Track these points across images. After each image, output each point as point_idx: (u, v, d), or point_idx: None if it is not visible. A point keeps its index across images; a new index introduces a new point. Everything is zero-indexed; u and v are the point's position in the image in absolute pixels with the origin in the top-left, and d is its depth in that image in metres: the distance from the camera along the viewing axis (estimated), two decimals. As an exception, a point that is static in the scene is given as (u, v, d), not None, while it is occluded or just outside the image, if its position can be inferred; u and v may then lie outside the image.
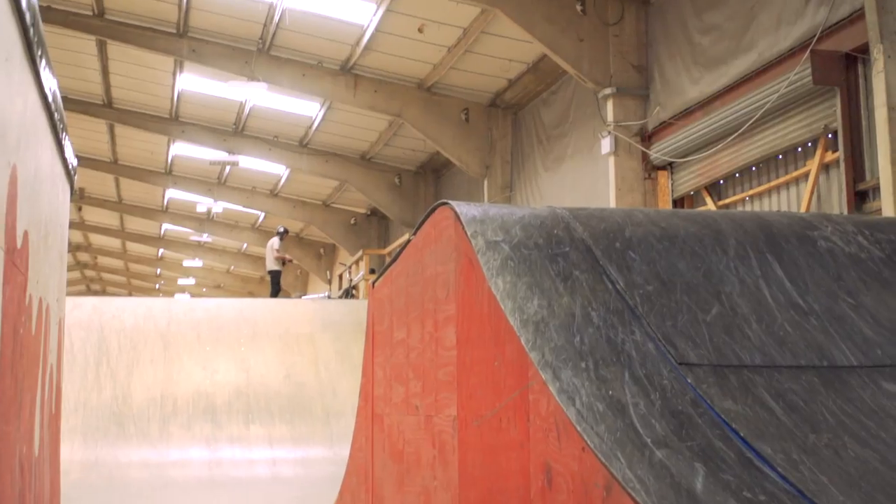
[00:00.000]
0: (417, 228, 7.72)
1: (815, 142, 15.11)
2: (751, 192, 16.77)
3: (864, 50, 13.62)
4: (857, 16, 13.75)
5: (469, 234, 6.65)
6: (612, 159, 19.34)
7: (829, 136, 14.74)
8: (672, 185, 18.99)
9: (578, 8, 19.33)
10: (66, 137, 7.98)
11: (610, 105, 19.45)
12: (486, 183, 26.38)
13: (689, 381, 5.73)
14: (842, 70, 14.34)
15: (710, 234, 7.33)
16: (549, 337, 5.91)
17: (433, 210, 7.37)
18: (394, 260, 8.70)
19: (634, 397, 5.47)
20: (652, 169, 19.24)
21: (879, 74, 12.72)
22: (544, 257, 6.63)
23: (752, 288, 6.91)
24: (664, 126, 18.74)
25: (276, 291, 31.51)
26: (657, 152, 18.84)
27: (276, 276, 31.90)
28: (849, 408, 5.87)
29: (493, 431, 6.37)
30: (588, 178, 21.56)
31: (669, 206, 18.91)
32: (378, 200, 33.86)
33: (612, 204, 19.14)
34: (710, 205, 17.74)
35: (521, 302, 6.21)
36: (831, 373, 6.25)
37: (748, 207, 16.82)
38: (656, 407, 5.45)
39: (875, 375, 6.39)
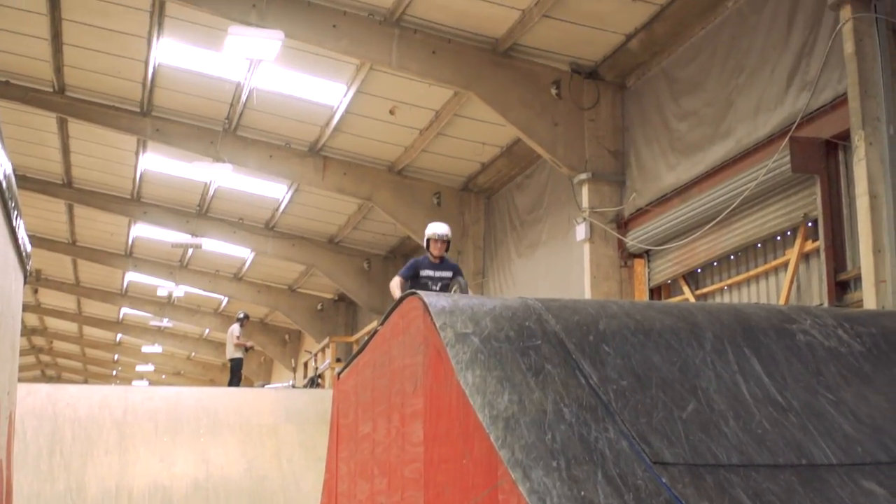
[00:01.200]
0: (385, 318, 7.72)
1: (794, 230, 15.23)
2: (729, 281, 16.85)
3: (845, 137, 13.77)
4: (839, 102, 13.93)
5: (438, 325, 6.66)
6: (587, 246, 19.41)
7: (809, 224, 14.86)
8: (649, 273, 19.07)
9: (553, 92, 19.51)
10: (20, 222, 7.96)
11: (585, 190, 19.57)
12: (458, 269, 26.37)
13: (663, 481, 5.72)
14: (822, 157, 14.49)
15: (686, 328, 7.37)
16: (519, 434, 5.91)
17: (401, 300, 7.39)
18: (360, 350, 8.69)
19: (608, 498, 5.47)
20: (628, 257, 19.32)
21: (861, 162, 12.84)
22: (515, 350, 6.64)
23: (730, 383, 6.94)
24: (641, 213, 18.86)
25: (236, 380, 31.26)
26: (633, 240, 18.94)
27: (236, 364, 31.66)
28: (828, 509, 5.88)
29: (462, 531, 6.33)
30: (563, 265, 21.61)
31: (646, 295, 18.97)
32: (346, 286, 33.81)
33: (588, 292, 19.18)
34: (688, 294, 17.81)
35: (490, 397, 6.21)
36: (810, 471, 6.27)
37: (727, 297, 16.90)
38: (630, 508, 5.45)
39: (855, 474, 6.40)
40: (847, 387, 7.06)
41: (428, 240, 13.64)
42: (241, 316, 31.82)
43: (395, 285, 13.20)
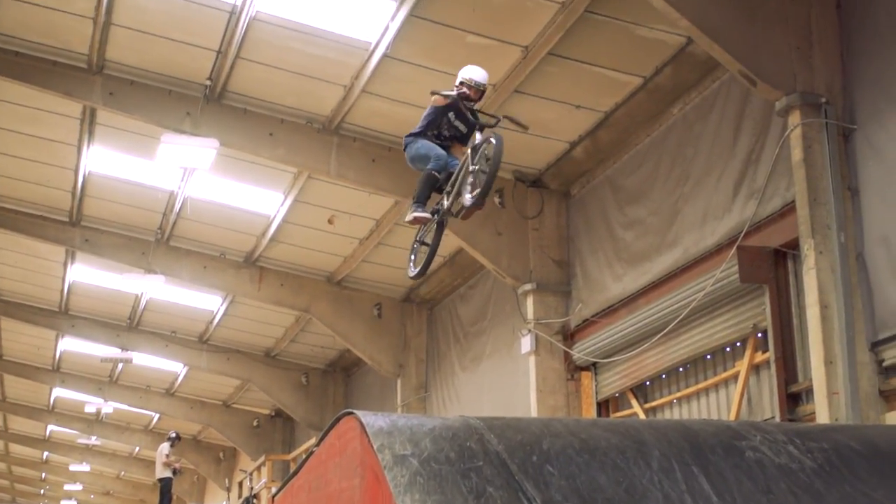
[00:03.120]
0: (321, 439, 7.69)
1: (744, 341, 15.34)
2: (678, 394, 16.93)
3: (795, 245, 13.93)
4: (788, 210, 14.09)
5: (375, 447, 6.64)
6: (532, 359, 19.45)
7: (759, 335, 14.98)
8: (596, 386, 19.12)
9: (497, 201, 19.67)
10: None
11: (530, 301, 19.66)
12: (399, 383, 26.33)
13: None
14: (770, 267, 14.65)
15: (632, 446, 7.39)
16: (460, 560, 5.89)
17: (338, 420, 7.37)
18: (295, 472, 8.63)
19: None
20: (575, 369, 19.38)
21: (811, 271, 12.97)
22: (456, 472, 6.62)
23: (678, 503, 6.96)
24: (587, 324, 18.96)
25: (166, 501, 30.86)
26: (580, 352, 19.01)
27: (166, 485, 31.25)
28: None
29: None
30: (508, 378, 21.61)
31: (593, 409, 18.99)
32: (283, 401, 33.58)
33: (534, 406, 19.17)
34: (637, 408, 17.86)
35: (430, 523, 6.19)
36: None
37: (676, 410, 16.95)
38: None
39: None
40: (797, 504, 7.08)
41: (461, 83, 12.77)
42: (172, 435, 31.52)
43: (437, 95, 12.88)
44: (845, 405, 12.48)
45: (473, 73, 12.79)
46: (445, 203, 13.10)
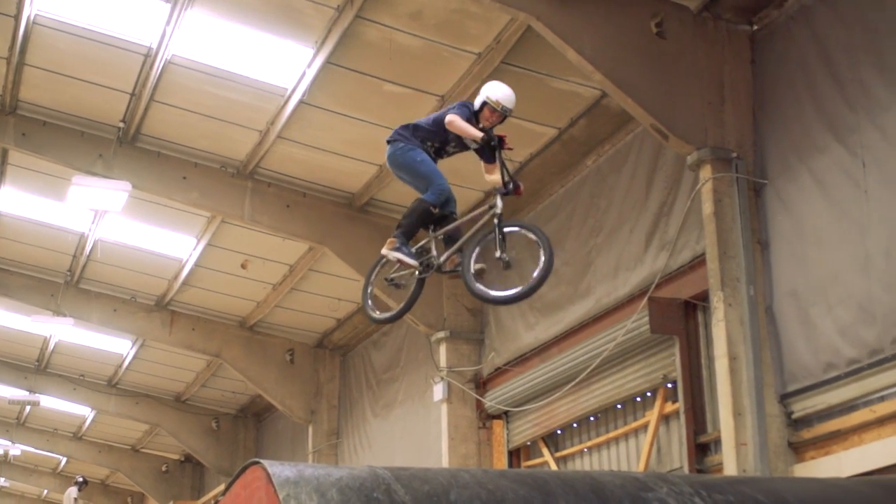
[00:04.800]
0: (227, 488, 7.64)
1: (654, 392, 15.49)
2: (589, 443, 17.03)
3: (704, 297, 14.12)
4: (698, 262, 14.29)
5: (281, 498, 6.62)
6: (444, 407, 19.48)
7: (669, 385, 15.13)
8: (507, 435, 19.17)
9: (412, 249, 19.75)
10: None
11: (443, 349, 19.71)
12: (311, 429, 26.21)
13: None
14: (681, 318, 14.83)
15: (539, 498, 7.43)
16: None
17: (244, 469, 7.32)
18: (202, 521, 8.57)
19: None
20: (487, 418, 19.43)
21: (720, 323, 13.14)
22: (362, 523, 6.63)
23: (583, 555, 7.03)
24: (499, 373, 19.03)
25: (74, 546, 30.48)
26: (492, 400, 19.07)
27: (75, 530, 30.92)
28: None
29: None
30: (420, 425, 21.62)
31: (505, 457, 19.03)
32: (192, 446, 33.28)
33: (445, 454, 19.18)
34: (548, 457, 17.93)
35: (335, 573, 6.18)
36: None
37: (586, 459, 17.05)
38: None
39: None
40: (703, 557, 7.16)
41: (483, 104, 10.72)
42: (80, 479, 31.20)
43: (460, 120, 10.55)
44: (753, 456, 12.63)
45: (500, 93, 10.77)
46: (435, 255, 11.18)
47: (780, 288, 13.26)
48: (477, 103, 10.74)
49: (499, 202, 10.60)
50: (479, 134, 10.48)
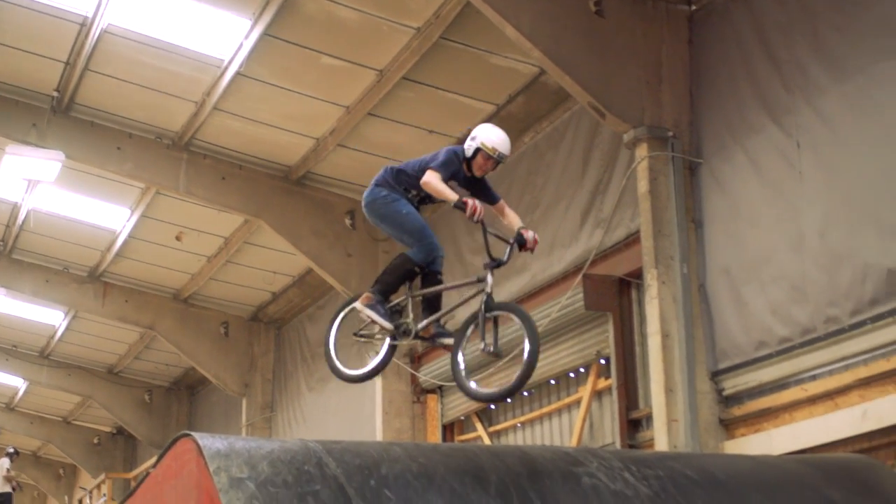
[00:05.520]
0: (158, 460, 7.62)
1: (587, 368, 15.57)
2: (522, 418, 17.09)
3: (639, 275, 14.20)
4: (633, 240, 14.39)
5: (212, 469, 6.60)
6: (379, 381, 19.45)
7: (602, 362, 15.22)
8: (441, 409, 19.21)
9: (347, 222, 19.72)
10: None
11: (378, 324, 19.68)
12: (244, 402, 26.12)
13: None
14: (615, 295, 14.92)
15: (471, 471, 7.48)
16: (296, 584, 5.90)
17: (175, 441, 7.30)
18: (131, 493, 8.53)
19: None
20: (421, 392, 19.45)
21: (653, 301, 13.24)
22: (293, 496, 6.63)
23: (514, 528, 7.08)
24: (434, 350, 19.02)
25: (6, 517, 30.21)
26: (426, 375, 19.08)
27: (6, 500, 30.61)
28: None
29: None
30: (354, 400, 21.57)
31: (439, 432, 19.07)
32: (125, 419, 33.08)
33: (379, 429, 19.19)
34: (481, 431, 17.98)
35: (266, 545, 6.18)
36: None
37: (520, 434, 17.11)
38: None
39: None
40: (632, 531, 7.23)
41: (477, 150, 9.37)
42: (11, 451, 30.89)
43: (438, 181, 9.12)
44: (684, 433, 12.74)
45: (495, 138, 9.40)
46: (411, 319, 9.73)
47: (714, 266, 13.37)
48: (469, 150, 9.39)
49: (489, 279, 9.22)
50: (455, 197, 8.95)
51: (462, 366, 9.14)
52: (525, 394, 17.01)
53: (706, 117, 13.72)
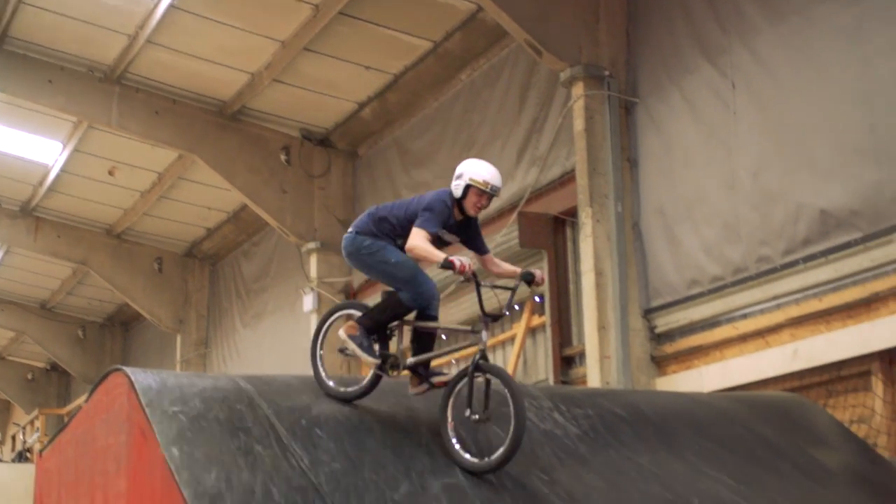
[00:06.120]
0: (90, 394, 7.59)
1: (522, 305, 15.62)
2: (457, 355, 17.08)
3: (573, 213, 14.24)
4: (568, 178, 14.43)
5: (143, 404, 6.60)
6: (314, 318, 19.45)
7: (537, 299, 15.27)
8: (377, 347, 19.22)
9: (283, 158, 19.59)
10: None
11: (313, 260, 19.66)
12: (179, 339, 26.04)
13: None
14: (549, 233, 14.96)
15: (402, 411, 7.53)
16: (225, 515, 5.92)
17: (106, 375, 7.28)
18: (63, 427, 8.50)
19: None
20: (356, 329, 19.43)
21: (588, 239, 13.30)
22: (224, 431, 6.65)
23: (444, 465, 7.12)
24: (369, 284, 19.01)
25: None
26: (361, 312, 19.06)
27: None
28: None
29: None
30: (289, 336, 21.57)
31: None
32: (58, 354, 32.88)
33: (314, 365, 19.18)
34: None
35: (197, 473, 6.20)
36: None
37: (455, 370, 17.14)
38: (334, 593, 5.53)
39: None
40: (562, 468, 7.30)
41: (468, 187, 8.41)
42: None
43: (424, 244, 8.22)
44: (616, 370, 12.86)
45: (485, 172, 8.48)
46: (400, 352, 8.55)
47: (648, 205, 13.45)
48: (458, 189, 8.45)
49: (484, 335, 8.12)
50: (441, 258, 8.03)
51: (454, 438, 7.60)
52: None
53: (642, 57, 13.74)
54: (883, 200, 10.85)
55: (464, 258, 8.02)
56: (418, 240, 8.21)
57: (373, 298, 18.67)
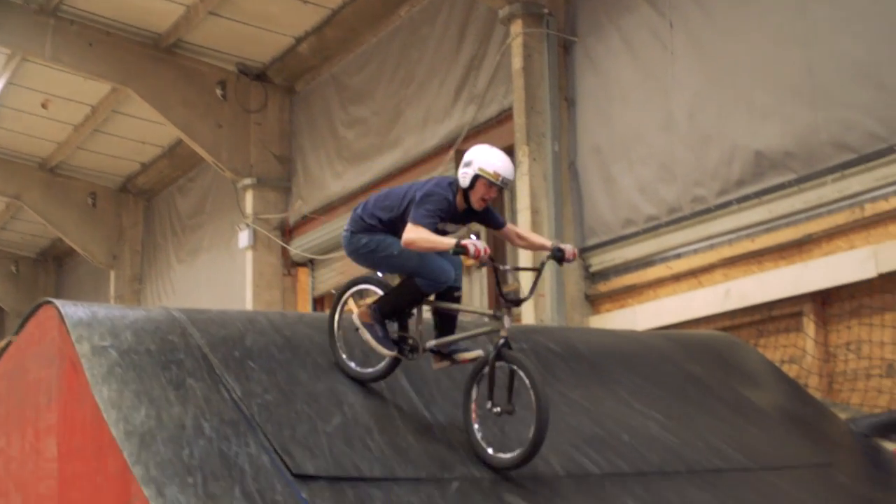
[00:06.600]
0: (20, 327, 7.54)
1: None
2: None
3: (510, 151, 14.24)
4: (505, 116, 14.44)
5: (74, 337, 6.58)
6: (249, 254, 19.43)
7: (473, 237, 15.26)
8: (312, 282, 19.25)
9: (219, 93, 19.44)
10: None
11: (249, 196, 19.59)
12: (113, 275, 25.87)
13: (303, 495, 5.86)
14: (486, 172, 14.96)
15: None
16: (155, 450, 5.93)
17: (36, 308, 7.24)
18: (-6, 360, 8.43)
19: (244, 514, 5.58)
20: (292, 265, 19.45)
21: (524, 177, 13.35)
22: (156, 364, 6.64)
23: (376, 397, 7.17)
24: (306, 221, 19.03)
25: None
26: (298, 248, 19.08)
27: None
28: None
29: (98, 552, 6.28)
30: (225, 272, 21.51)
31: (309, 305, 19.13)
32: (-9, 290, 32.64)
33: (249, 301, 19.17)
34: (351, 305, 18.02)
35: (126, 412, 6.19)
36: (452, 485, 6.55)
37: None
38: (266, 524, 5.57)
39: (498, 487, 6.72)
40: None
41: (476, 177, 7.54)
42: None
43: (424, 236, 7.37)
44: (551, 308, 12.96)
45: (495, 161, 7.57)
46: (417, 336, 7.73)
47: (585, 145, 13.51)
48: (465, 179, 7.58)
49: (506, 321, 7.45)
50: (450, 244, 7.25)
51: (479, 434, 7.12)
52: (396, 269, 17.09)
53: (582, -4, 13.77)
54: (817, 142, 10.96)
55: (478, 242, 7.29)
56: (417, 236, 7.36)
57: (307, 236, 18.78)
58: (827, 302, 11.13)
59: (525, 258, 12.69)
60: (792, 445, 8.96)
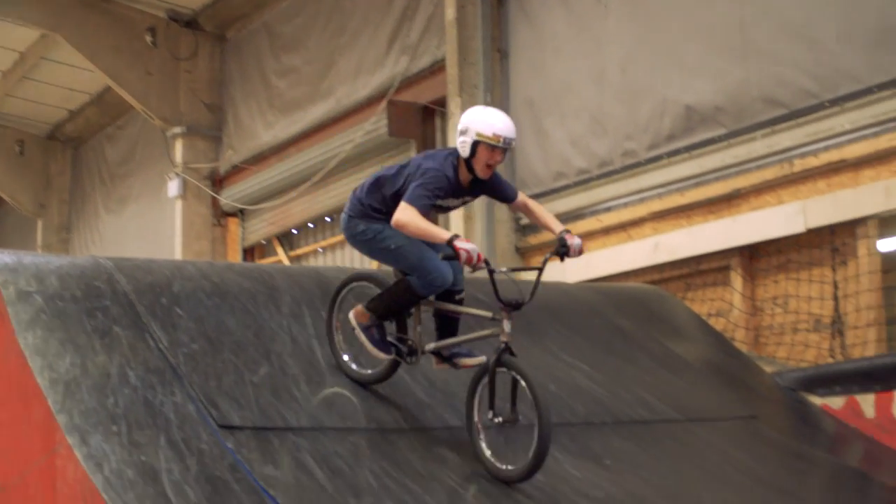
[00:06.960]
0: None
1: (390, 195, 15.66)
2: (323, 243, 17.21)
3: (443, 103, 14.28)
4: (438, 68, 14.43)
5: (-1, 282, 6.54)
6: (179, 203, 19.32)
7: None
8: (242, 233, 19.19)
9: (148, 39, 19.23)
10: None
11: (179, 145, 19.45)
12: (40, 223, 25.64)
13: (228, 445, 5.86)
14: (419, 122, 14.99)
15: (264, 291, 7.54)
16: (79, 398, 5.90)
17: (-36, 253, 7.18)
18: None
19: (168, 463, 5.56)
20: (222, 215, 19.36)
21: (455, 129, 13.34)
22: (81, 311, 6.60)
23: (305, 347, 7.18)
24: (236, 171, 18.93)
25: None
26: (228, 198, 18.98)
27: None
28: (394, 472, 6.19)
29: (21, 500, 6.25)
30: (154, 222, 21.38)
31: (239, 255, 19.09)
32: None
33: (178, 251, 19.08)
34: (282, 255, 18.05)
35: (51, 360, 6.16)
36: (379, 435, 6.58)
37: (320, 259, 17.23)
38: (192, 473, 5.56)
39: (424, 438, 6.76)
40: (422, 353, 7.37)
41: (476, 143, 6.90)
42: None
43: (415, 219, 6.75)
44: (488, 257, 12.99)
45: (493, 122, 6.95)
46: (416, 338, 7.28)
47: (517, 97, 13.54)
48: (465, 148, 6.95)
49: (506, 325, 6.89)
50: (445, 237, 6.70)
51: (488, 451, 6.73)
52: (327, 219, 17.10)
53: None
54: (748, 98, 11.05)
55: (471, 247, 6.73)
56: (407, 215, 6.77)
57: (237, 185, 18.69)
58: (755, 256, 11.26)
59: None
60: (718, 398, 9.06)
